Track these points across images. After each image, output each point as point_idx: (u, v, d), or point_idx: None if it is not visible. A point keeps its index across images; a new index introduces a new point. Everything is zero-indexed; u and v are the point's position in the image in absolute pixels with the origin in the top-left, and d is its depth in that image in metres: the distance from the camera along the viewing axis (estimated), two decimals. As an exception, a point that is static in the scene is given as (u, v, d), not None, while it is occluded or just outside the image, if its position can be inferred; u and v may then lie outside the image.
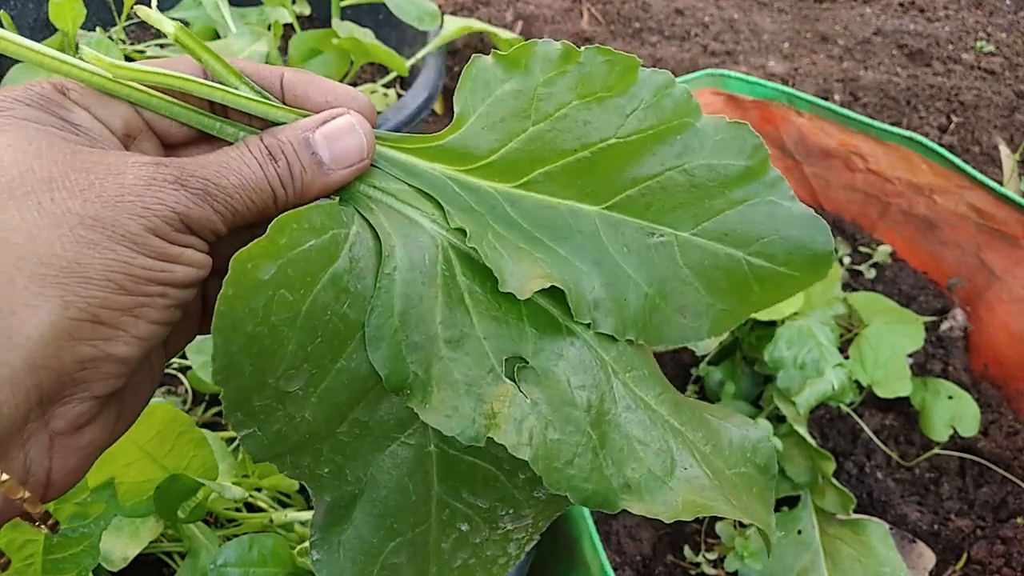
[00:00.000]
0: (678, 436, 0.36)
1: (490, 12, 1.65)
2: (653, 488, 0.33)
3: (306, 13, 1.42)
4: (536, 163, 0.36)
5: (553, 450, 0.32)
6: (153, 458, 0.60)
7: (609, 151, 0.36)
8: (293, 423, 0.32)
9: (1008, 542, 0.85)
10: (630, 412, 0.35)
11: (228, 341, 0.29)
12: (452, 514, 0.36)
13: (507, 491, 0.36)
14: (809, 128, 1.09)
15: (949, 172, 1.00)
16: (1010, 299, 0.99)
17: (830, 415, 0.96)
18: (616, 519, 0.86)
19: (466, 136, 0.36)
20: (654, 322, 0.37)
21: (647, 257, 0.37)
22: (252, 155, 0.32)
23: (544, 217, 0.36)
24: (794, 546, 0.83)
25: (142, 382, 0.34)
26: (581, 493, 0.32)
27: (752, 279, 0.37)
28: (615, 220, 0.37)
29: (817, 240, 0.37)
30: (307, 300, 0.30)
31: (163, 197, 0.29)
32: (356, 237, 0.33)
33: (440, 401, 0.32)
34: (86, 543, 0.55)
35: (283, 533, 0.67)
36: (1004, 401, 0.99)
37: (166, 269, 0.29)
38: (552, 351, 0.35)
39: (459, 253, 0.35)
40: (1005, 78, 1.56)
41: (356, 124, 0.34)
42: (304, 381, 0.31)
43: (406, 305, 0.33)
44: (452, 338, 0.33)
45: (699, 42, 1.64)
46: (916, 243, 1.10)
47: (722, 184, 0.36)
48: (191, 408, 0.88)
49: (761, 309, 0.38)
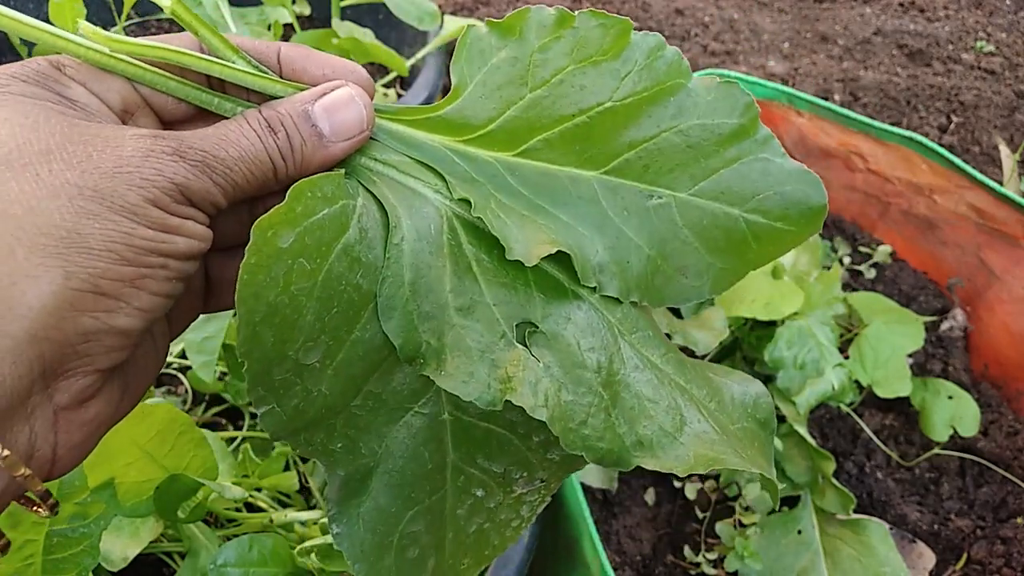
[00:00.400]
0: (685, 394, 0.36)
1: (490, 12, 1.65)
2: (665, 444, 0.34)
3: (306, 13, 1.42)
4: (534, 130, 0.36)
5: (568, 411, 0.33)
6: (153, 458, 0.60)
7: (605, 115, 0.36)
8: (310, 397, 0.32)
9: (1008, 542, 0.85)
10: (638, 372, 0.36)
11: (251, 311, 0.29)
12: (467, 480, 0.36)
13: (521, 454, 0.36)
14: (809, 128, 1.09)
15: (949, 172, 1.00)
16: (1010, 299, 0.99)
17: (830, 415, 0.96)
18: (616, 519, 0.86)
19: (464, 106, 0.36)
20: (656, 283, 0.37)
21: (647, 219, 0.37)
22: (251, 127, 0.32)
23: (544, 184, 0.37)
24: (794, 546, 0.83)
25: (146, 358, 0.34)
26: (596, 452, 0.33)
27: (750, 236, 0.38)
28: (614, 184, 0.37)
29: (811, 194, 0.37)
30: (323, 269, 0.31)
31: (161, 168, 0.29)
32: (363, 208, 0.33)
33: (455, 368, 0.32)
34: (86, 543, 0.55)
35: (283, 533, 0.67)
36: (1004, 401, 0.99)
37: (167, 240, 0.29)
38: (560, 315, 0.35)
39: (463, 222, 0.35)
40: (1005, 78, 1.56)
41: (355, 96, 0.34)
42: (321, 353, 0.31)
43: (416, 275, 0.33)
44: (463, 306, 0.34)
45: (699, 42, 1.64)
46: (916, 243, 1.10)
47: (716, 143, 0.37)
48: (191, 408, 0.88)
49: (759, 266, 0.39)
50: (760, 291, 0.87)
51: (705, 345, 0.89)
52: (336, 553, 0.63)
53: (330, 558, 0.62)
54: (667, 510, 0.89)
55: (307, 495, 0.77)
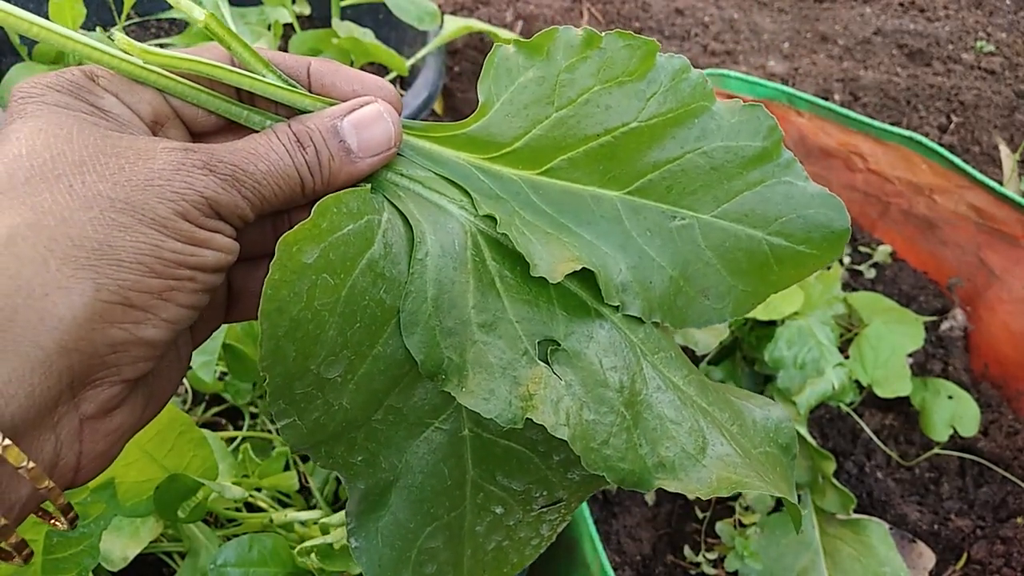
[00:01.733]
0: (707, 416, 0.36)
1: (490, 12, 1.65)
2: (687, 466, 0.34)
3: (306, 13, 1.42)
4: (559, 149, 0.37)
5: (589, 430, 0.33)
6: (153, 458, 0.60)
7: (630, 135, 0.36)
8: (331, 411, 0.32)
9: (1008, 542, 0.85)
10: (660, 392, 0.36)
11: (274, 326, 0.29)
12: (487, 497, 0.36)
13: (541, 473, 0.36)
14: (809, 128, 1.09)
15: (949, 172, 1.00)
16: (1010, 299, 0.99)
17: (830, 415, 0.96)
18: (616, 519, 0.86)
19: (490, 124, 0.36)
20: (679, 304, 0.37)
21: (670, 240, 0.37)
22: (280, 142, 0.32)
23: (568, 203, 0.37)
24: (794, 546, 0.83)
25: (170, 368, 0.34)
26: (618, 473, 0.32)
27: (772, 259, 0.38)
28: (637, 204, 0.37)
29: (834, 218, 0.38)
30: (347, 284, 0.31)
31: (192, 182, 0.29)
32: (388, 223, 0.33)
33: (476, 384, 0.32)
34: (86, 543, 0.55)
35: (283, 533, 0.67)
36: (1004, 401, 0.99)
37: (195, 253, 0.30)
38: (583, 333, 0.35)
39: (487, 239, 0.36)
40: (1005, 78, 1.56)
41: (384, 112, 0.34)
42: (343, 368, 0.32)
43: (439, 290, 0.33)
44: (485, 322, 0.34)
45: (699, 42, 1.64)
46: (916, 243, 1.10)
47: (740, 166, 0.37)
48: (191, 408, 0.88)
49: (781, 288, 0.39)
50: (760, 291, 0.87)
51: (705, 345, 0.89)
52: (336, 553, 0.63)
53: (330, 558, 0.62)
54: (667, 510, 0.89)
55: (307, 495, 0.77)
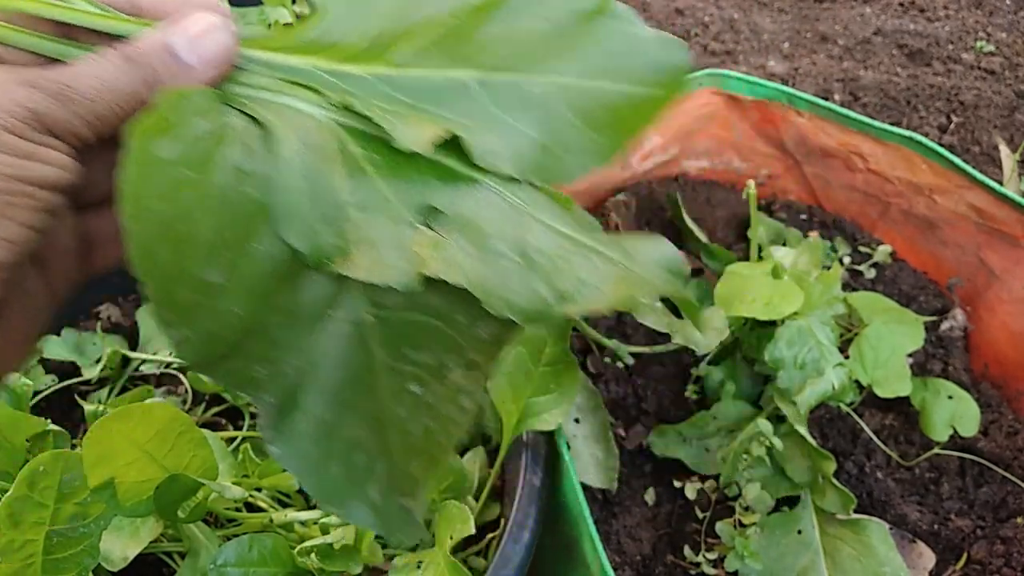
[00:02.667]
0: (599, 255, 0.37)
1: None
2: (586, 292, 0.35)
3: (306, 13, 1.42)
4: (406, 41, 0.37)
5: (486, 276, 0.33)
6: (153, 458, 0.60)
7: (472, 14, 0.38)
8: (221, 319, 0.32)
9: (1008, 542, 0.85)
10: (549, 238, 0.36)
11: (143, 228, 0.29)
12: (401, 376, 0.36)
13: (448, 338, 0.36)
14: (809, 128, 1.09)
15: (949, 172, 1.00)
16: (1010, 299, 0.99)
17: (830, 415, 0.96)
18: (616, 519, 0.86)
19: (332, 25, 0.37)
20: (547, 164, 0.38)
21: (530, 108, 0.38)
22: (110, 62, 0.32)
23: (425, 90, 0.38)
24: (794, 546, 0.83)
25: (22, 313, 0.34)
26: (521, 311, 0.33)
27: (626, 106, 0.39)
28: (493, 80, 0.38)
29: (674, 56, 0.39)
30: (209, 180, 0.31)
31: (15, 96, 0.29)
32: (239, 123, 0.33)
33: (365, 258, 0.33)
34: (86, 543, 0.55)
35: (283, 533, 0.67)
36: (1004, 401, 0.99)
37: (27, 168, 0.29)
38: (461, 196, 0.36)
39: (348, 129, 0.36)
40: (1005, 78, 1.56)
41: (217, 23, 0.34)
42: (224, 269, 0.31)
43: (309, 183, 0.33)
44: (360, 202, 0.34)
45: (699, 42, 1.64)
46: (916, 243, 1.10)
47: (580, 22, 0.38)
48: (191, 408, 0.88)
49: (636, 133, 0.40)
50: (760, 291, 0.86)
51: (705, 345, 0.89)
52: (336, 553, 0.63)
53: (330, 558, 0.62)
54: (667, 510, 0.89)
55: (307, 495, 0.77)
